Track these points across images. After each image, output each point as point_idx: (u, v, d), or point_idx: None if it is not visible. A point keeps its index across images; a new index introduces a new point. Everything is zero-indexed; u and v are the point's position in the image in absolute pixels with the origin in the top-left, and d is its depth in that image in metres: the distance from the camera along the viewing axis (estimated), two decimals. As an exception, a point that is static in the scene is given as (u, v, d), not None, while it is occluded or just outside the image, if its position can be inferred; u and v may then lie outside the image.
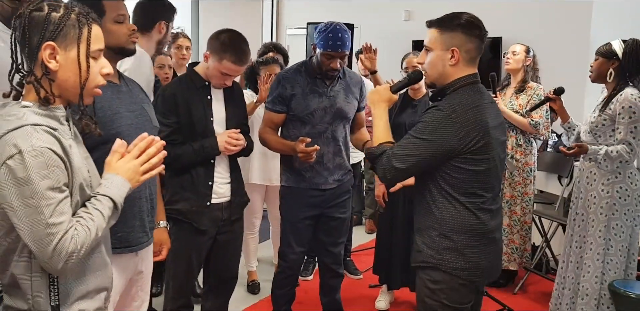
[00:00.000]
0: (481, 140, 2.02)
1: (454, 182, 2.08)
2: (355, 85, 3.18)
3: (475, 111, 2.04)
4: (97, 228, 1.51)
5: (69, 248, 1.44)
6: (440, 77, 2.14)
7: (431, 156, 2.04)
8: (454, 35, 2.09)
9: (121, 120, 2.07)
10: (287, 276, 3.25)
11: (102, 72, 1.60)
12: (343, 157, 3.17)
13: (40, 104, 1.51)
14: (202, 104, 2.72)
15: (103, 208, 1.54)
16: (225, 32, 2.70)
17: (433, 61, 2.14)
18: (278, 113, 3.07)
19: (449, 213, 2.11)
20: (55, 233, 1.42)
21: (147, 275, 2.35)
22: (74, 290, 1.57)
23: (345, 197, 3.23)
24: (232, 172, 2.84)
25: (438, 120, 2.03)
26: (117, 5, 2.12)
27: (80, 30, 1.52)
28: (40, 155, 1.41)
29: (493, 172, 2.12)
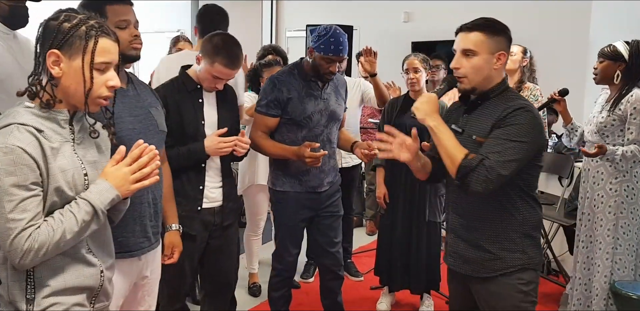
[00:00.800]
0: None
1: (531, 180, 2.14)
2: (342, 87, 3.21)
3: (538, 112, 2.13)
4: (64, 230, 1.53)
5: (24, 246, 1.48)
6: (484, 81, 2.13)
7: (527, 158, 2.04)
8: (500, 39, 2.11)
9: (122, 125, 2.05)
10: (283, 279, 3.25)
11: (107, 84, 1.63)
12: (335, 158, 3.22)
13: (41, 107, 1.57)
14: (194, 107, 2.69)
15: (78, 211, 1.56)
16: (218, 35, 2.67)
17: (479, 65, 2.11)
18: (273, 117, 3.01)
19: (529, 212, 2.14)
20: (13, 229, 1.48)
21: (154, 280, 2.34)
22: (50, 285, 1.59)
23: (337, 196, 3.24)
24: (224, 176, 2.80)
25: (531, 121, 2.03)
26: (121, 11, 2.11)
27: (86, 42, 1.57)
28: (10, 153, 1.46)
29: None
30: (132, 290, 2.22)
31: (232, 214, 2.88)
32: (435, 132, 2.11)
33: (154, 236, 2.25)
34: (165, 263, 2.45)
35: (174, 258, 2.48)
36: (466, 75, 2.13)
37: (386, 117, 3.72)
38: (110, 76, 1.63)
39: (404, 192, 3.69)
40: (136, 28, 2.15)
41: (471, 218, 2.19)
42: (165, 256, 2.45)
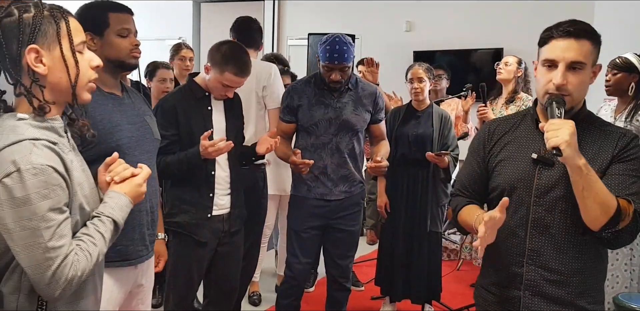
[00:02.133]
0: None
1: None
2: (368, 97, 3.15)
3: None
4: (98, 253, 1.43)
5: (68, 275, 1.34)
6: (581, 97, 1.77)
7: None
8: (596, 49, 1.74)
9: (121, 133, 2.05)
10: (291, 287, 3.24)
11: (91, 65, 1.50)
12: (349, 168, 3.14)
13: (35, 115, 1.40)
14: (202, 115, 2.71)
15: (106, 231, 1.46)
16: (226, 44, 2.70)
17: (585, 81, 1.73)
18: (287, 123, 3.12)
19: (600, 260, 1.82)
20: (55, 258, 1.32)
21: (148, 288, 2.33)
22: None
23: (355, 209, 3.21)
24: (232, 183, 2.82)
25: None
26: (123, 19, 2.10)
27: (57, 26, 1.41)
28: (41, 174, 1.30)
29: None
30: (126, 298, 2.21)
31: (239, 221, 2.90)
32: (586, 173, 1.60)
33: (151, 244, 2.25)
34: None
35: (160, 267, 2.48)
36: (570, 93, 1.70)
37: (389, 126, 3.71)
38: (90, 56, 1.51)
39: (405, 202, 3.68)
40: (135, 37, 2.16)
41: (566, 272, 1.76)
42: None
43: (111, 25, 2.08)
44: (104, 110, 2.05)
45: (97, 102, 2.03)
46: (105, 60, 2.07)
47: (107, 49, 2.08)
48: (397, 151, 3.65)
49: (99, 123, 2.00)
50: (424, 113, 3.68)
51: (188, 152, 2.61)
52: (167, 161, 2.58)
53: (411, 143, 3.64)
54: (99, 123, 2.00)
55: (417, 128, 3.65)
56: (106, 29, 2.07)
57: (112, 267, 2.03)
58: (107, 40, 2.08)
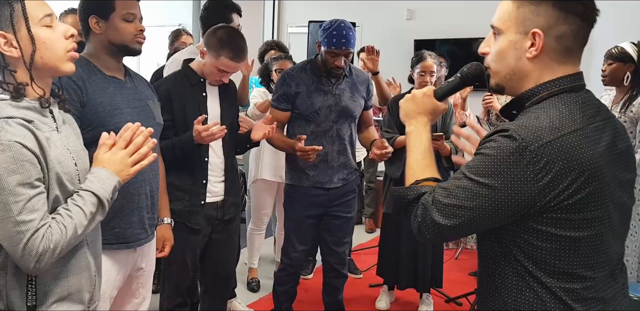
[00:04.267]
0: (583, 188, 1.23)
1: (537, 254, 1.28)
2: (362, 84, 3.16)
3: (574, 138, 1.24)
4: (75, 226, 1.43)
5: (39, 248, 1.36)
6: (512, 78, 1.36)
7: (493, 212, 1.26)
8: (540, 10, 1.29)
9: (121, 116, 2.04)
10: (288, 274, 3.25)
11: (66, 35, 1.50)
12: (348, 155, 3.14)
13: (13, 98, 1.43)
14: (197, 101, 2.69)
15: (84, 204, 1.46)
16: (222, 28, 2.67)
17: (502, 50, 1.35)
18: (283, 111, 3.06)
19: (529, 305, 1.31)
20: (25, 231, 1.35)
21: (149, 272, 2.34)
22: (53, 291, 1.50)
23: (350, 196, 3.21)
24: (227, 170, 2.80)
25: (507, 155, 1.24)
26: (129, 4, 2.11)
27: (12, 8, 1.41)
28: (8, 149, 1.33)
29: (607, 237, 1.29)
30: (126, 281, 2.22)
31: (234, 208, 2.89)
32: (407, 139, 1.51)
33: (150, 228, 2.25)
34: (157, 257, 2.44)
35: (165, 252, 2.48)
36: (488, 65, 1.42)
37: (391, 114, 3.70)
38: (64, 26, 1.51)
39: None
40: (140, 23, 2.16)
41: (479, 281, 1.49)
42: (156, 250, 2.45)
43: (117, 10, 2.08)
44: (104, 94, 2.05)
45: (98, 85, 2.04)
46: (109, 43, 2.09)
47: (112, 32, 2.09)
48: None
49: (99, 106, 2.01)
50: None
51: (181, 137, 2.60)
52: (161, 146, 2.56)
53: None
54: (98, 106, 2.01)
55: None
56: (112, 12, 2.07)
57: (110, 249, 2.03)
58: (112, 24, 2.08)
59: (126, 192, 2.05)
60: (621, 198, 1.31)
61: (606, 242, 1.29)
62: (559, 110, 1.27)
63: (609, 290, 1.32)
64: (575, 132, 1.24)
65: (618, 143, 1.32)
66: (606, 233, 1.29)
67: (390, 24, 6.92)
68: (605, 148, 1.26)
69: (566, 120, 1.25)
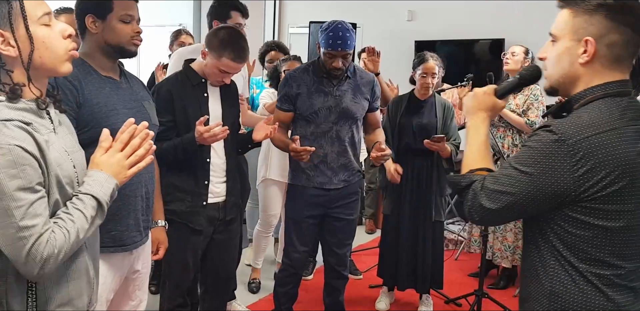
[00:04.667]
0: (617, 182, 1.34)
1: (572, 240, 1.41)
2: (366, 85, 3.15)
3: (611, 136, 1.35)
4: (77, 230, 1.40)
5: (44, 253, 1.33)
6: (565, 81, 1.48)
7: (532, 198, 1.39)
8: (593, 19, 1.40)
9: (117, 117, 2.03)
10: (289, 275, 3.25)
11: (64, 35, 1.47)
12: (349, 157, 3.13)
13: (10, 99, 1.39)
14: (198, 101, 2.69)
15: (85, 207, 1.43)
16: (224, 29, 2.67)
17: (558, 55, 1.47)
18: (285, 111, 3.08)
19: (563, 285, 1.43)
20: (28, 237, 1.31)
21: (145, 274, 2.33)
22: (54, 297, 1.47)
23: (353, 198, 3.20)
24: (228, 171, 2.80)
25: (546, 147, 1.37)
26: (126, 5, 2.09)
27: (10, 6, 1.37)
28: (8, 153, 1.29)
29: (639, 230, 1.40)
30: (122, 284, 2.21)
31: (235, 209, 2.89)
32: (467, 133, 1.66)
33: (145, 230, 2.24)
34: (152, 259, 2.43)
35: (160, 254, 2.47)
36: (545, 68, 1.56)
37: (390, 116, 3.69)
38: (62, 25, 1.47)
39: (409, 192, 3.66)
40: (138, 24, 2.15)
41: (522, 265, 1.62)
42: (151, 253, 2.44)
43: (115, 10, 2.07)
44: (100, 94, 2.03)
45: (94, 86, 2.03)
46: (105, 44, 2.08)
47: (108, 33, 2.08)
48: (401, 141, 3.63)
49: (95, 107, 2.00)
50: (427, 103, 3.65)
51: (183, 138, 2.59)
52: (163, 147, 2.54)
53: (415, 133, 3.60)
54: (95, 107, 2.00)
55: (421, 118, 3.62)
56: (109, 13, 2.06)
57: (106, 252, 2.03)
58: (109, 25, 2.07)
59: (122, 194, 2.03)
60: None
61: (639, 236, 1.40)
62: (600, 110, 1.39)
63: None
64: (613, 130, 1.35)
65: None
66: (639, 227, 1.39)
67: (391, 25, 6.92)
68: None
69: (605, 119, 1.37)
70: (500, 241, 4.23)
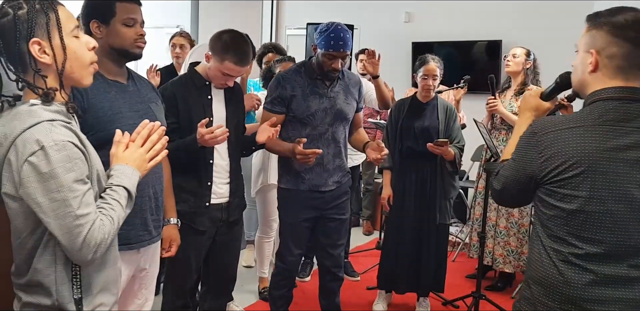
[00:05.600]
0: (570, 170, 1.56)
1: (543, 218, 1.66)
2: (354, 86, 3.17)
3: (574, 132, 1.58)
4: (118, 218, 1.55)
5: (97, 238, 1.47)
6: (580, 86, 1.72)
7: (516, 179, 1.69)
8: (597, 34, 1.63)
9: (122, 120, 2.06)
10: (284, 278, 3.24)
11: (88, 47, 1.60)
12: (342, 158, 3.16)
13: (44, 102, 1.52)
14: (203, 104, 2.71)
15: (120, 198, 1.57)
16: (227, 33, 2.68)
17: (576, 64, 1.73)
18: (277, 114, 3.03)
19: (534, 256, 1.70)
20: (85, 224, 1.45)
21: (152, 273, 2.35)
22: (95, 282, 1.60)
23: (344, 198, 3.22)
24: (232, 172, 2.82)
25: (524, 138, 1.69)
26: (130, 9, 2.12)
27: (48, 17, 1.50)
28: (63, 149, 1.43)
29: (600, 218, 1.56)
30: (129, 282, 2.23)
31: (238, 210, 2.90)
32: (515, 127, 1.92)
33: (155, 230, 2.26)
34: (163, 257, 2.45)
35: (172, 251, 2.49)
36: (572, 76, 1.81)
37: (393, 118, 3.70)
38: (87, 38, 1.61)
39: (413, 194, 3.67)
40: (142, 27, 2.17)
41: None
42: (163, 250, 2.46)
43: (118, 14, 2.09)
44: (105, 98, 2.06)
45: (100, 90, 2.05)
46: (110, 48, 2.11)
47: (112, 37, 2.10)
48: (403, 144, 3.64)
49: (100, 111, 2.03)
50: (429, 105, 3.67)
51: (186, 139, 2.61)
52: (167, 148, 2.55)
53: (418, 136, 3.61)
54: (99, 111, 2.03)
55: (423, 120, 3.63)
56: (113, 17, 2.09)
57: None
58: (112, 29, 2.10)
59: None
60: (632, 194, 1.54)
61: (598, 223, 1.56)
62: (583, 111, 1.64)
63: (604, 267, 1.56)
64: (578, 128, 1.59)
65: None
66: (597, 216, 1.56)
67: (388, 27, 6.93)
68: (615, 147, 1.55)
69: (576, 118, 1.62)
70: (502, 246, 4.21)
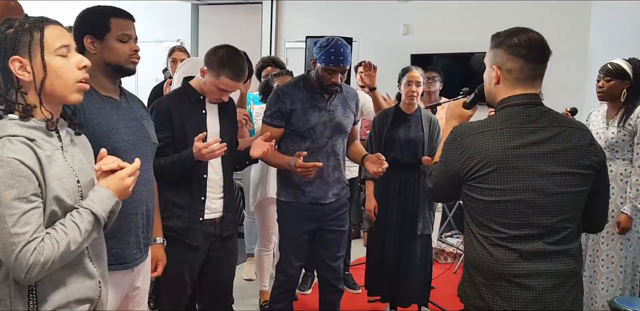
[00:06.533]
0: (486, 168, 1.82)
1: (469, 210, 1.92)
2: (352, 99, 3.20)
3: (485, 135, 1.85)
4: (69, 242, 1.51)
5: (29, 260, 1.44)
6: (489, 96, 2.00)
7: (443, 178, 1.94)
8: (497, 52, 1.92)
9: (118, 136, 2.07)
10: (285, 291, 3.23)
11: (79, 66, 1.61)
12: (341, 170, 3.18)
13: (21, 118, 1.54)
14: (197, 118, 2.71)
15: (81, 221, 1.54)
16: (223, 48, 2.69)
17: (485, 77, 2.01)
18: (276, 127, 3.05)
19: (467, 244, 1.96)
20: (17, 243, 1.43)
21: (144, 291, 2.33)
22: (52, 299, 1.56)
23: (343, 210, 3.22)
24: (225, 187, 2.81)
25: (447, 142, 1.95)
26: (124, 25, 2.13)
27: (32, 36, 1.54)
28: (7, 165, 1.43)
29: (516, 206, 1.82)
30: (123, 301, 2.22)
31: (232, 225, 2.89)
32: (442, 135, 2.19)
33: (145, 247, 2.26)
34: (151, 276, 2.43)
35: (158, 271, 2.48)
36: None
37: (377, 129, 3.71)
38: (78, 57, 1.62)
39: (397, 205, 3.68)
40: (135, 43, 2.17)
41: None
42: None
43: (112, 30, 2.10)
44: (100, 114, 2.06)
45: (95, 106, 2.06)
46: (104, 64, 2.11)
47: (107, 53, 2.10)
48: (388, 155, 3.64)
49: (96, 127, 2.02)
50: (413, 116, 3.70)
51: (181, 153, 2.61)
52: (161, 163, 2.56)
53: (402, 147, 3.64)
54: (95, 127, 2.02)
55: (408, 132, 3.66)
56: (107, 33, 2.09)
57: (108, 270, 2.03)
58: (107, 45, 2.10)
59: (124, 212, 2.05)
60: (539, 184, 1.81)
61: (515, 210, 1.82)
62: (494, 116, 1.92)
63: (526, 245, 1.82)
64: (489, 131, 1.86)
65: (556, 144, 1.84)
66: (514, 204, 1.82)
67: (387, 39, 6.95)
68: (520, 145, 1.82)
69: (486, 123, 1.89)
70: None
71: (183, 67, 3.57)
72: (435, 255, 4.95)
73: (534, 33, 1.93)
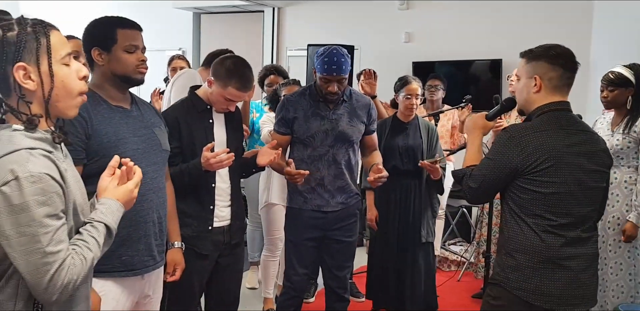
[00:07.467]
0: (545, 163, 2.05)
1: (520, 202, 2.12)
2: (362, 108, 3.18)
3: (543, 134, 2.09)
4: (93, 257, 1.45)
5: (64, 279, 1.37)
6: (526, 104, 2.23)
7: (496, 175, 2.13)
8: (538, 64, 2.16)
9: (126, 146, 2.07)
10: (290, 298, 3.23)
11: (80, 76, 1.51)
12: (346, 180, 3.16)
13: (27, 129, 1.43)
14: (204, 128, 2.73)
15: (99, 235, 1.49)
16: (230, 59, 2.71)
17: (519, 88, 2.24)
18: (282, 135, 3.11)
19: (514, 232, 2.14)
20: (53, 263, 1.35)
21: (156, 299, 2.33)
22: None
23: (351, 220, 3.22)
24: (232, 194, 2.83)
25: (503, 141, 2.14)
26: (131, 35, 2.13)
27: (39, 42, 1.42)
28: (39, 181, 1.34)
29: (565, 197, 2.09)
30: (133, 309, 2.21)
31: (240, 232, 2.91)
32: (467, 144, 2.43)
33: (159, 255, 2.26)
34: (167, 281, 2.44)
35: (176, 276, 2.48)
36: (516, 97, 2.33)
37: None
38: (77, 66, 1.52)
39: (398, 213, 3.68)
40: (143, 53, 2.18)
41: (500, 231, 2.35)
42: (167, 274, 2.45)
43: (119, 42, 2.10)
44: (109, 124, 2.07)
45: (104, 116, 2.07)
46: (112, 75, 2.12)
47: (114, 64, 2.11)
48: (388, 163, 3.64)
49: (104, 137, 2.04)
50: (411, 125, 3.72)
51: (189, 163, 2.62)
52: (170, 173, 2.56)
53: (402, 154, 3.66)
54: (104, 137, 2.04)
55: (407, 139, 3.67)
56: (114, 44, 2.10)
57: (117, 277, 2.05)
58: (114, 56, 2.11)
59: (133, 220, 2.07)
60: (582, 178, 2.10)
61: (565, 201, 2.09)
62: (541, 120, 2.15)
63: (572, 233, 2.10)
64: (544, 131, 2.10)
65: (590, 146, 2.15)
66: (564, 196, 2.08)
67: (388, 47, 6.97)
68: (569, 144, 2.09)
69: (540, 124, 2.12)
70: None
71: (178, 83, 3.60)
72: (438, 263, 4.92)
73: (564, 47, 2.20)
